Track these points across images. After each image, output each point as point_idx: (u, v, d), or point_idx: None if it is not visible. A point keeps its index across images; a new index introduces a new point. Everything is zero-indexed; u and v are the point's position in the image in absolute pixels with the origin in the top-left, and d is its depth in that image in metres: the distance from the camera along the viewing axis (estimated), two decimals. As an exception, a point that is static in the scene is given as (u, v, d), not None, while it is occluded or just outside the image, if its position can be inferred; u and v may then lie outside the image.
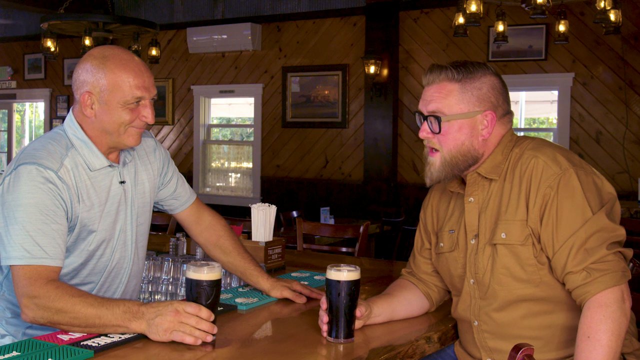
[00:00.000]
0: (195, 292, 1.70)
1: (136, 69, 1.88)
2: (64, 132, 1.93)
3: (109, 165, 1.95)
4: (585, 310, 1.62)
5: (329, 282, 1.77)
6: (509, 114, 1.87)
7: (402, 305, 2.02)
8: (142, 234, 2.09)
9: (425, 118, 1.83)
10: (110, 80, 1.85)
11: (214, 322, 1.69)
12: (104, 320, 1.68)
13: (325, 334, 1.78)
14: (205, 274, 1.69)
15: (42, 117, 10.06)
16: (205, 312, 1.67)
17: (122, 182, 2.00)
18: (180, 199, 2.23)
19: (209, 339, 1.67)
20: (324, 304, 1.79)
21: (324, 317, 1.78)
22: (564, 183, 1.69)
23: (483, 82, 1.81)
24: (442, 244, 1.95)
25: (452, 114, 1.79)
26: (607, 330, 1.58)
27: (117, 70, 1.86)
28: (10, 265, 1.78)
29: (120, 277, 2.03)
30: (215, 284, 1.71)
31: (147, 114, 1.90)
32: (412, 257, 2.12)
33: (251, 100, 8.25)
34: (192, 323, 1.66)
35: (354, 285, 1.76)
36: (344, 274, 1.75)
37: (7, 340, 1.95)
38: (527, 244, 1.73)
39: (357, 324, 1.82)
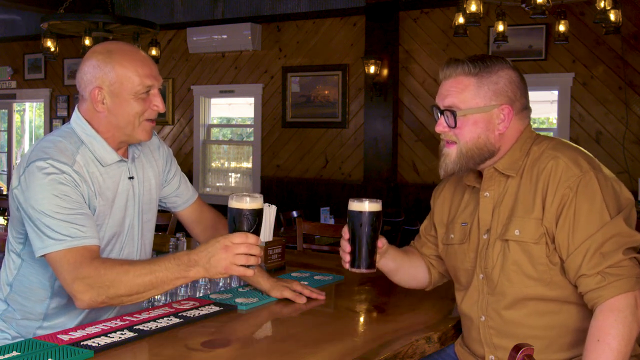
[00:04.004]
0: (238, 221, 1.73)
1: (142, 58, 1.92)
2: (72, 130, 1.93)
3: (120, 160, 1.97)
4: (597, 314, 1.62)
5: (351, 213, 1.80)
6: (527, 109, 1.87)
7: (410, 264, 2.09)
8: (148, 230, 2.11)
9: (442, 112, 1.83)
10: (119, 72, 1.87)
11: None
12: (161, 277, 1.72)
13: (347, 265, 1.81)
14: (247, 203, 1.73)
15: (42, 117, 10.06)
16: (252, 238, 1.72)
17: (130, 178, 2.01)
18: (182, 197, 2.24)
19: (259, 261, 1.73)
20: (346, 234, 1.83)
21: (346, 247, 1.80)
22: (584, 185, 1.69)
23: (500, 76, 1.81)
24: (452, 236, 1.96)
25: (467, 108, 1.80)
26: (617, 335, 1.57)
27: (125, 62, 1.88)
28: (48, 255, 1.76)
29: None
30: (257, 213, 1.74)
31: (158, 103, 1.93)
32: (418, 236, 2.17)
33: (251, 100, 8.25)
34: (244, 251, 1.70)
35: (375, 216, 1.80)
36: (366, 204, 1.79)
37: None
38: (541, 243, 1.73)
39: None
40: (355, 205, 1.80)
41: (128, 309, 2.06)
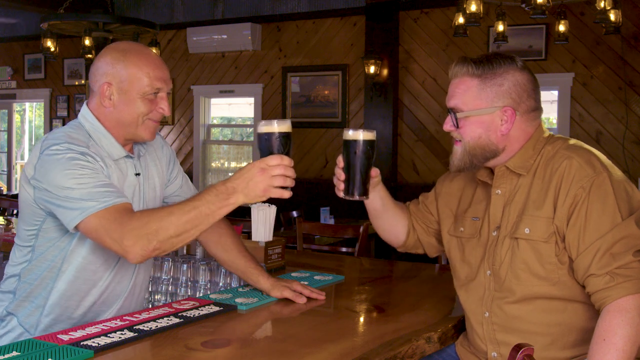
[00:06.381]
0: (269, 144, 1.74)
1: (156, 61, 1.96)
2: (80, 125, 1.96)
3: (126, 156, 1.99)
4: (604, 314, 1.62)
5: (346, 142, 1.82)
6: (536, 110, 1.88)
7: (394, 212, 2.15)
8: None
9: (449, 111, 1.87)
10: (130, 71, 1.91)
11: None
12: (205, 211, 1.72)
13: (341, 193, 1.84)
14: (276, 126, 1.74)
15: (42, 117, 10.05)
16: (287, 159, 1.72)
17: (137, 174, 2.03)
18: (184, 196, 2.24)
19: (293, 183, 1.74)
20: (340, 163, 1.86)
21: (341, 175, 1.82)
22: (597, 186, 1.70)
23: (505, 78, 1.82)
24: (462, 229, 1.97)
25: (469, 110, 1.83)
26: (624, 335, 1.58)
27: (138, 62, 1.92)
28: (87, 221, 1.75)
29: (132, 269, 2.04)
30: (288, 136, 1.75)
31: (164, 106, 1.97)
32: (416, 200, 2.20)
33: (251, 100, 8.25)
34: (281, 172, 1.70)
35: (369, 145, 1.83)
36: (361, 134, 1.82)
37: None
38: (550, 242, 1.74)
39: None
40: (350, 135, 1.82)
41: (129, 309, 2.06)
